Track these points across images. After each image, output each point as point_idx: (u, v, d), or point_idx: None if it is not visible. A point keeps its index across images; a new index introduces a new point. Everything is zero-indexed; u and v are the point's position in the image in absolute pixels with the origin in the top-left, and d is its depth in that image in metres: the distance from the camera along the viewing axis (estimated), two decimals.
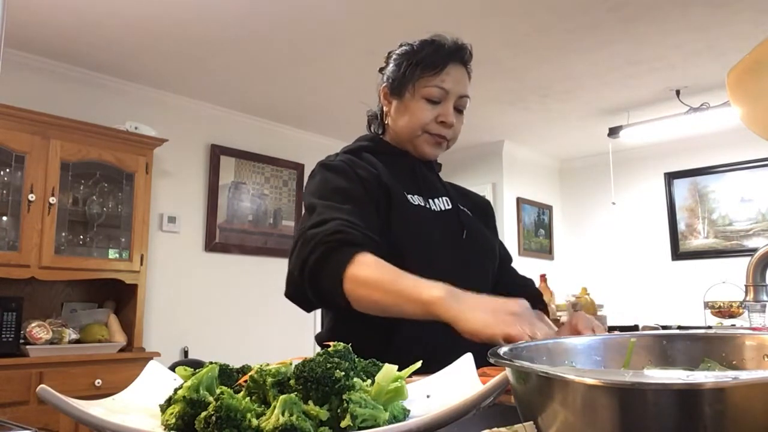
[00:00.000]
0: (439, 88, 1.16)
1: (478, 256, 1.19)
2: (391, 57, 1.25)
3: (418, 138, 1.19)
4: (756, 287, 0.93)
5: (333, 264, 0.94)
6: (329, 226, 0.98)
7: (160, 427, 0.52)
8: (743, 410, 0.33)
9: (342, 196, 1.07)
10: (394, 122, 1.22)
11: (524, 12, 2.79)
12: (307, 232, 1.00)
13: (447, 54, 1.18)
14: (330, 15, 2.79)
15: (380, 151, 1.23)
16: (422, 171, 1.23)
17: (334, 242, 0.96)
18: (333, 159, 1.18)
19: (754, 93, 1.03)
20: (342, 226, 0.98)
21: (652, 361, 0.57)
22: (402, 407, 0.54)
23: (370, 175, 1.13)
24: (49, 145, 2.94)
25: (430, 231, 1.13)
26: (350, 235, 0.96)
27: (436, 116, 1.17)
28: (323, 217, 1.01)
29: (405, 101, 1.19)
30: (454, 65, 1.18)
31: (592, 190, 5.25)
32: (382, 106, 1.27)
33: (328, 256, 0.95)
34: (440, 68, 1.16)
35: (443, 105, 1.17)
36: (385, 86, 1.23)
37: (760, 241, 4.34)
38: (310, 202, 1.08)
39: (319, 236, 0.97)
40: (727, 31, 2.99)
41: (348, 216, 1.01)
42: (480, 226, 1.25)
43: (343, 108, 3.97)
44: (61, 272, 2.95)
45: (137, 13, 2.76)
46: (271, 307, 3.98)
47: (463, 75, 1.20)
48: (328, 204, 1.05)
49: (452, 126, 1.19)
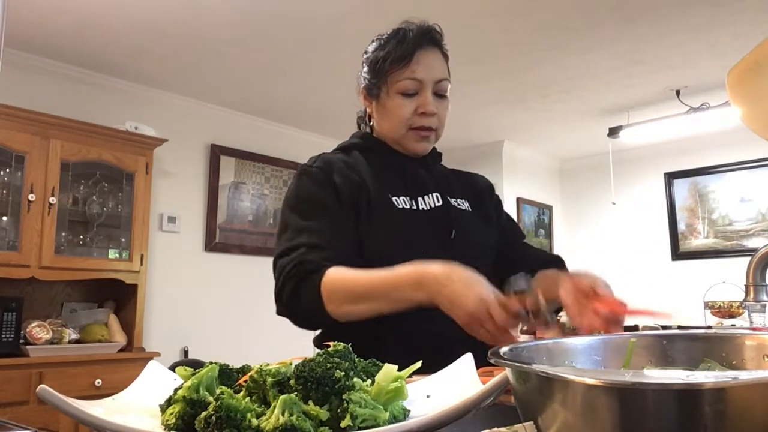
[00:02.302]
0: (411, 79, 1.12)
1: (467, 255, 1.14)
2: (364, 56, 1.22)
3: (404, 136, 1.17)
4: (756, 287, 0.93)
5: (306, 295, 1.01)
6: (294, 255, 1.04)
7: (160, 427, 0.52)
8: (743, 410, 0.33)
9: (314, 208, 1.10)
10: (378, 124, 1.21)
11: (524, 12, 2.79)
12: (279, 261, 1.07)
13: (413, 42, 1.13)
14: (330, 15, 2.79)
15: (371, 148, 1.21)
16: (413, 168, 1.20)
17: (302, 272, 1.01)
18: (312, 164, 1.16)
19: (754, 93, 1.03)
20: (305, 254, 1.03)
21: (652, 361, 0.57)
22: (402, 407, 0.54)
23: (346, 182, 1.12)
24: (49, 145, 2.94)
25: (415, 234, 1.12)
26: (313, 263, 1.02)
27: (415, 108, 1.13)
28: (291, 243, 1.06)
29: (382, 101, 1.16)
30: (422, 51, 1.13)
31: (592, 190, 5.25)
32: (365, 107, 1.25)
33: (297, 289, 1.02)
34: (408, 58, 1.11)
35: (421, 95, 1.13)
36: (363, 87, 1.21)
37: (760, 241, 4.34)
38: (284, 216, 1.13)
39: (287, 269, 1.03)
40: (727, 31, 2.99)
41: (314, 238, 1.06)
42: (474, 219, 1.22)
43: (343, 108, 3.96)
44: (61, 272, 2.95)
45: (137, 13, 2.76)
46: (271, 307, 3.93)
47: (435, 58, 1.15)
48: (298, 224, 1.09)
49: (434, 114, 1.14)
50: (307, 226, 1.07)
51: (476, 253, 1.17)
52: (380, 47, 1.17)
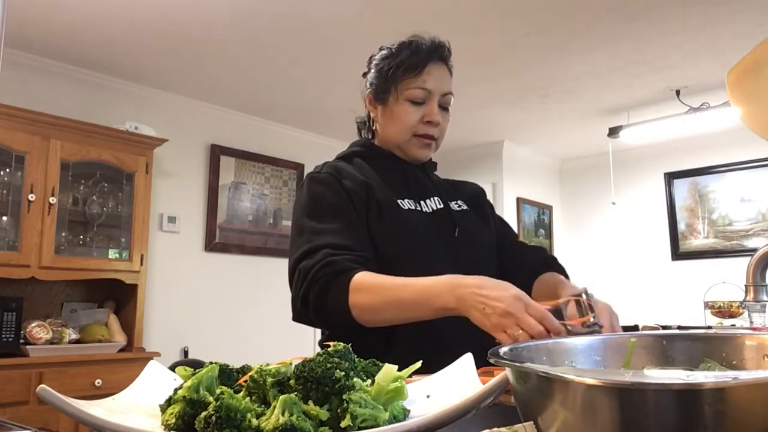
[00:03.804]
0: (422, 88, 1.17)
1: (472, 253, 1.19)
2: (372, 62, 1.26)
3: (408, 142, 1.21)
4: (756, 287, 0.93)
5: (333, 298, 0.98)
6: (319, 256, 1.02)
7: (160, 427, 0.52)
8: (743, 410, 0.33)
9: (329, 211, 1.10)
10: (382, 128, 1.24)
11: (524, 12, 2.79)
12: (300, 264, 1.04)
13: (426, 54, 1.19)
14: (330, 15, 2.79)
15: (371, 155, 1.24)
16: (414, 173, 1.25)
17: (329, 275, 0.99)
18: (320, 171, 1.18)
19: (754, 93, 1.02)
20: (330, 256, 1.01)
21: (652, 361, 0.57)
22: (402, 407, 0.54)
23: (356, 184, 1.14)
24: (49, 145, 2.94)
25: (423, 234, 1.14)
26: (340, 264, 1.00)
27: (421, 117, 1.19)
28: (312, 245, 1.04)
29: (390, 105, 1.21)
30: (434, 64, 1.19)
31: (592, 190, 5.25)
32: (368, 111, 1.28)
33: (326, 292, 0.99)
34: (420, 69, 1.17)
35: (428, 105, 1.19)
36: (369, 92, 1.25)
37: (760, 241, 4.34)
38: (299, 222, 1.11)
39: (312, 271, 1.01)
40: (727, 31, 2.99)
41: (335, 239, 1.05)
42: (474, 220, 1.26)
43: (343, 108, 3.97)
44: (61, 272, 2.94)
45: (137, 13, 2.76)
46: (271, 307, 3.98)
47: (444, 73, 1.21)
48: (315, 226, 1.08)
49: (439, 124, 1.21)
50: (326, 228, 1.07)
51: (480, 252, 1.22)
52: (392, 55, 1.21)
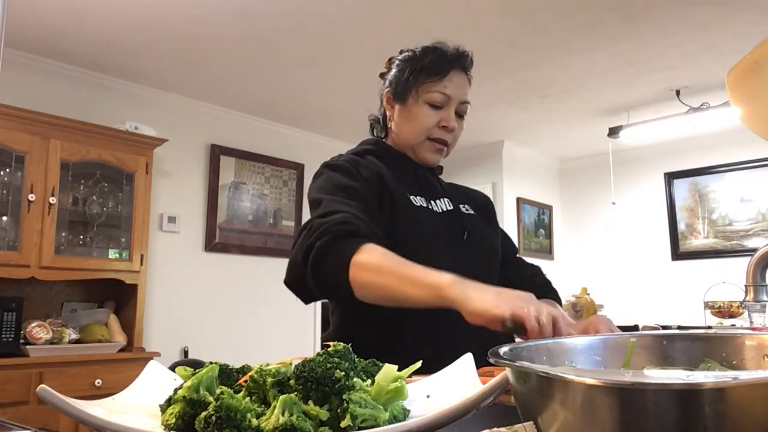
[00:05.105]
0: (442, 93, 1.19)
1: (480, 255, 1.21)
2: (393, 62, 1.27)
3: (421, 145, 1.22)
4: (756, 287, 0.93)
5: (338, 250, 0.95)
6: (337, 216, 0.99)
7: (160, 427, 0.52)
8: (743, 410, 0.33)
9: (347, 193, 1.08)
10: (397, 127, 1.25)
11: (524, 12, 2.79)
12: (314, 221, 1.01)
13: (449, 61, 1.20)
14: (330, 15, 2.79)
15: (384, 154, 1.25)
16: (424, 174, 1.26)
17: (342, 232, 0.97)
18: (337, 159, 1.20)
19: (754, 93, 1.03)
20: (349, 218, 0.99)
21: (652, 361, 0.57)
22: (402, 407, 0.54)
23: (373, 175, 1.15)
24: (49, 145, 2.94)
25: (434, 231, 1.15)
26: (358, 228, 0.98)
27: (438, 121, 1.20)
28: (330, 209, 1.02)
29: (408, 106, 1.22)
30: (456, 72, 1.21)
31: (592, 190, 5.25)
32: (384, 110, 1.29)
33: (333, 242, 0.96)
34: (443, 74, 1.19)
35: (445, 110, 1.20)
36: (389, 91, 1.26)
37: (760, 241, 4.34)
38: (315, 197, 1.10)
39: (326, 225, 0.98)
40: (727, 31, 2.99)
41: (355, 210, 1.03)
42: (481, 225, 1.27)
43: (344, 108, 3.97)
44: (61, 272, 2.94)
45: (137, 13, 2.76)
46: (271, 307, 3.98)
47: (464, 81, 1.23)
48: (334, 198, 1.06)
49: (453, 131, 1.22)
50: (344, 202, 1.05)
51: (487, 255, 1.23)
52: (416, 58, 1.22)
